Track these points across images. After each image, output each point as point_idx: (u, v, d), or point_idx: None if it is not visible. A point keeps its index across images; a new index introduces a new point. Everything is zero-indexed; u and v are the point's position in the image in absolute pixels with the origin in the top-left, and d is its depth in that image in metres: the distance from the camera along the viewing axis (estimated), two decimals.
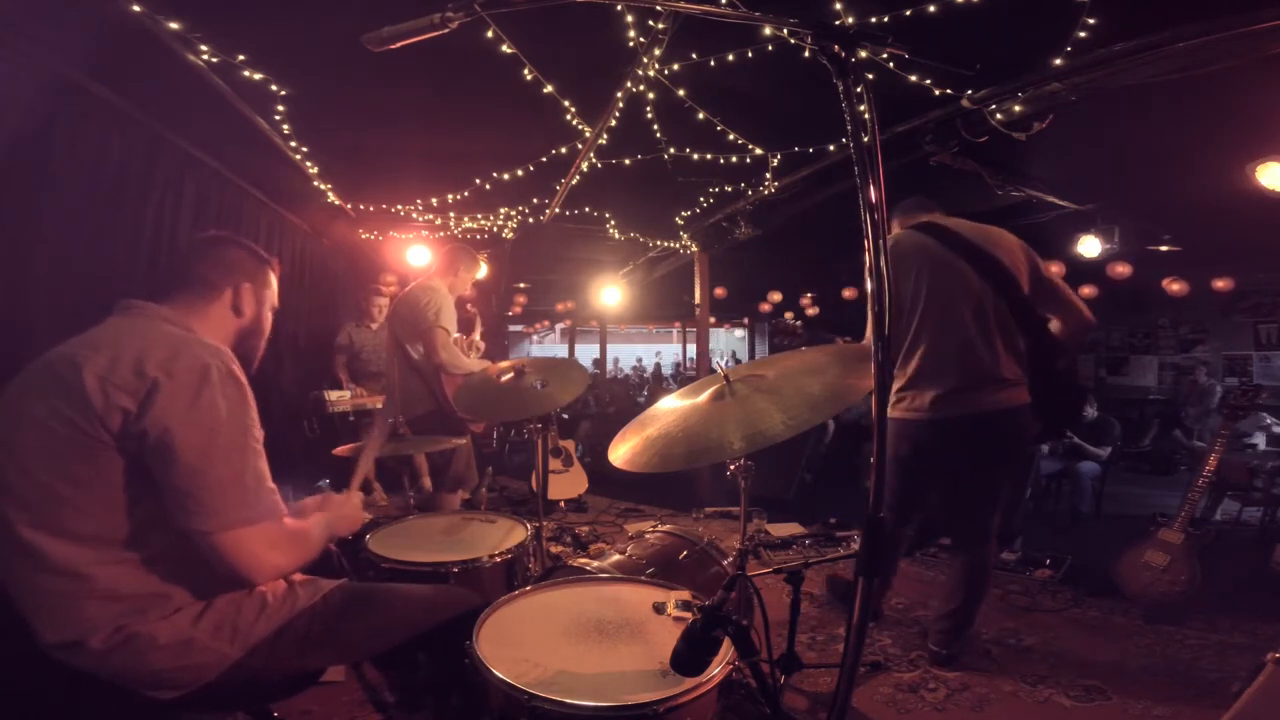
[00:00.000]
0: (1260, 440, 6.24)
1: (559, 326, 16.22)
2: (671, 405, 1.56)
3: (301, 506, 1.50)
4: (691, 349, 9.42)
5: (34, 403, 1.12)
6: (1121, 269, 6.59)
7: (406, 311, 3.16)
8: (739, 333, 18.18)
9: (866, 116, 0.94)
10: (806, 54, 2.39)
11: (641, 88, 2.89)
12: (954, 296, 2.34)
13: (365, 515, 1.57)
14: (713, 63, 2.66)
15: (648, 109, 3.11)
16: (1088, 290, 8.03)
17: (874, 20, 2.34)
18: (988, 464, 2.37)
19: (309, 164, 3.87)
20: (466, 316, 3.76)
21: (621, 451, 1.44)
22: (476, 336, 3.63)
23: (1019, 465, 2.35)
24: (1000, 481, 2.41)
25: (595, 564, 1.90)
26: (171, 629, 1.14)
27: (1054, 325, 2.42)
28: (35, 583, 1.10)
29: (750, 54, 2.58)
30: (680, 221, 5.50)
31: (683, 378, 12.11)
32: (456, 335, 3.31)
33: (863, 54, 2.22)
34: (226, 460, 1.14)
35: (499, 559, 1.88)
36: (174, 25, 2.27)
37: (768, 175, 4.10)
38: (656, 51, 2.58)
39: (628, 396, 9.23)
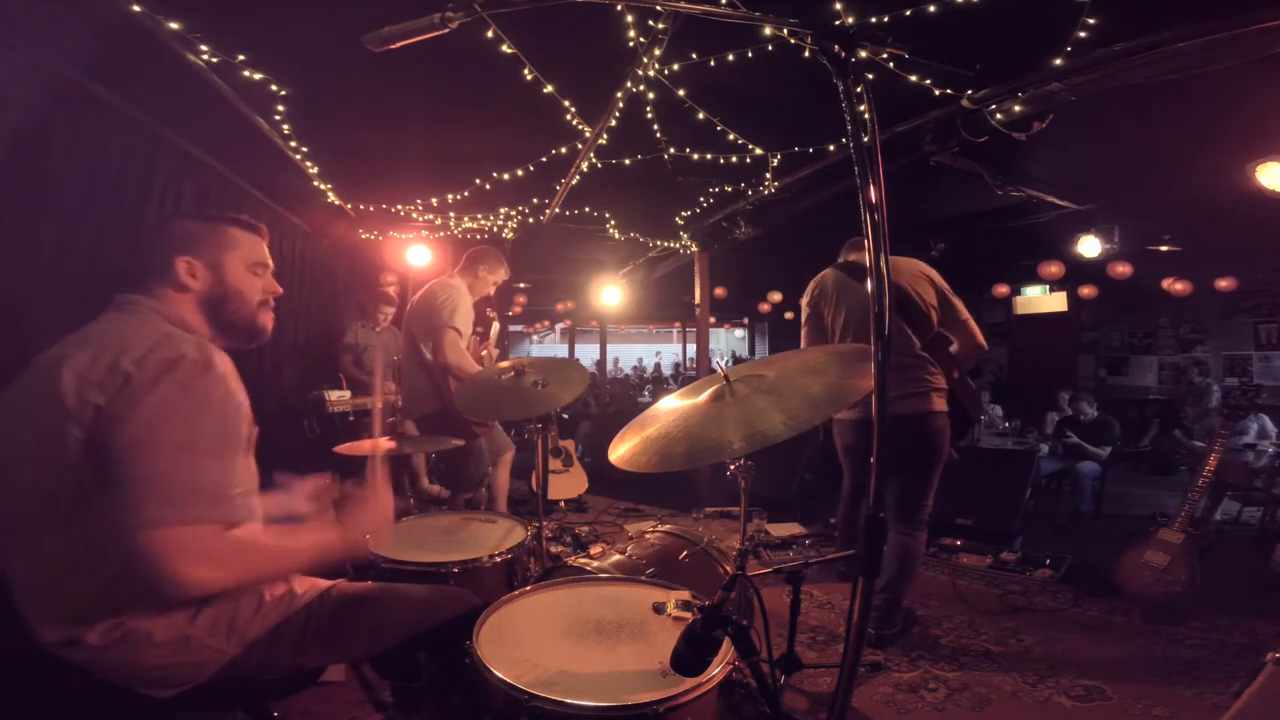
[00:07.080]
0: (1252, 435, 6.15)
1: (559, 326, 16.23)
2: (671, 405, 1.56)
3: (289, 486, 1.45)
4: (691, 349, 9.42)
5: (25, 399, 1.13)
6: (1121, 269, 6.59)
7: (424, 307, 3.11)
8: (739, 333, 18.19)
9: (866, 116, 0.94)
10: (806, 54, 2.39)
11: (641, 88, 2.89)
12: (865, 320, 2.68)
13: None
14: (713, 63, 2.66)
15: (648, 109, 3.10)
16: (1087, 290, 8.03)
17: (874, 20, 2.34)
18: (908, 458, 2.68)
19: (309, 164, 3.87)
20: (486, 320, 3.68)
21: (621, 451, 1.43)
22: (491, 344, 3.56)
23: (938, 459, 2.70)
24: (921, 473, 2.69)
25: (595, 564, 1.90)
26: (168, 625, 1.14)
27: (953, 346, 2.76)
28: (30, 580, 1.10)
29: (750, 54, 2.58)
30: (680, 221, 5.50)
31: (683, 378, 12.12)
32: (474, 336, 3.25)
33: (863, 54, 2.22)
34: (170, 454, 1.05)
35: (499, 559, 1.88)
36: (174, 25, 2.27)
37: (768, 175, 4.10)
38: (656, 51, 2.57)
39: (628, 396, 9.22)
